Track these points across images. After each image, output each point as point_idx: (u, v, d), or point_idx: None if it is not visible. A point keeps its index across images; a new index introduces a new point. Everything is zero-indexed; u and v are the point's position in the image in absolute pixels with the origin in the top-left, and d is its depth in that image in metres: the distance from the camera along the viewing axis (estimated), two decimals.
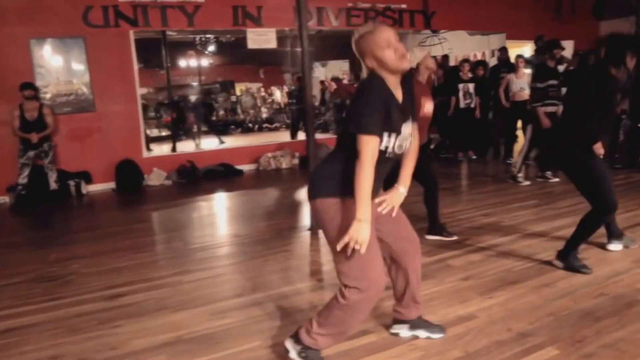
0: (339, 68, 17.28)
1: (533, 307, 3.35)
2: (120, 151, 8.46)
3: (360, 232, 2.25)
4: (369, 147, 2.27)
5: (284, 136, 13.30)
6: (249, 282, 4.06)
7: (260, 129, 17.24)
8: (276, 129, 16.88)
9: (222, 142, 13.06)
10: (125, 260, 4.80)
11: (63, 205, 7.60)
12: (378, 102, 2.32)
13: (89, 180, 8.32)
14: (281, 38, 9.78)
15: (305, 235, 5.31)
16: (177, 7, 8.55)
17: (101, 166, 8.39)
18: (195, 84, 18.01)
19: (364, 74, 2.48)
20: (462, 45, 13.69)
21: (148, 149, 10.95)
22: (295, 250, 4.85)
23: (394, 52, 2.33)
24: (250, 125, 17.40)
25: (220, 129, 14.65)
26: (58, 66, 8.11)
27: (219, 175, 9.03)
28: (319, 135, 10.87)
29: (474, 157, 9.68)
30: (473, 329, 3.08)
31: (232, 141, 13.60)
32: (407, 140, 2.51)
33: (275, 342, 2.98)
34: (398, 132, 2.42)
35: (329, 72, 17.55)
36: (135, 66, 8.63)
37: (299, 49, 5.64)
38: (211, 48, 15.21)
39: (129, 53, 8.44)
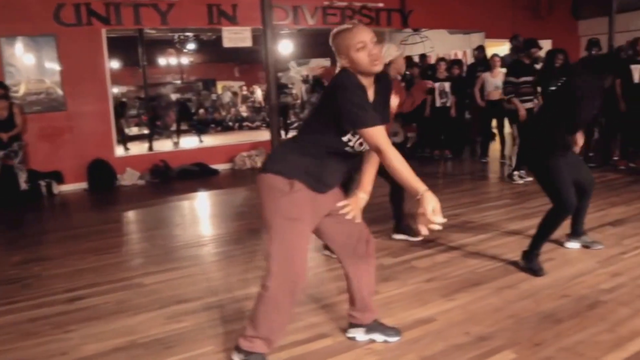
0: (321, 66, 17.23)
1: (494, 310, 3.31)
2: (92, 151, 8.32)
3: (432, 201, 2.13)
4: (381, 135, 2.26)
5: (265, 135, 13.20)
6: (213, 284, 3.99)
7: (241, 128, 17.15)
8: (257, 128, 16.77)
9: (201, 141, 12.97)
10: (90, 261, 4.72)
11: (33, 206, 7.44)
12: (360, 93, 2.32)
13: (60, 180, 8.17)
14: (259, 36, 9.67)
15: None
16: (151, 6, 8.43)
17: (73, 166, 8.25)
18: (177, 82, 17.91)
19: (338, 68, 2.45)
20: (443, 44, 13.66)
21: (125, 148, 10.87)
22: (264, 251, 4.76)
23: (367, 55, 2.31)
24: (230, 123, 17.31)
25: (200, 128, 14.55)
26: (29, 65, 7.97)
27: (194, 175, 8.92)
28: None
29: (450, 156, 9.65)
30: (431, 333, 3.04)
31: (211, 140, 13.50)
32: None
33: (228, 347, 2.90)
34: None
35: (311, 70, 17.54)
36: (107, 65, 8.52)
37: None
38: (191, 46, 15.09)
39: (101, 52, 8.31)
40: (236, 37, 8.96)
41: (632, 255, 4.18)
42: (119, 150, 8.91)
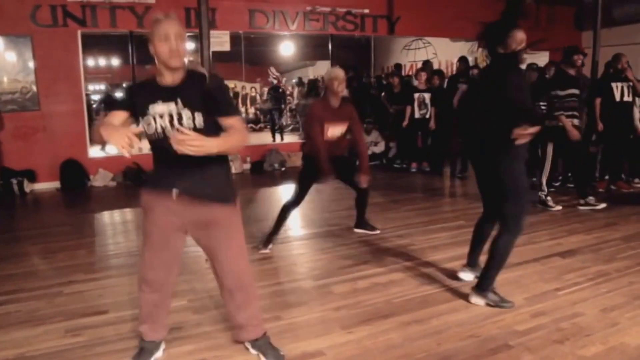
0: (327, 68, 17.12)
1: (389, 347, 3.11)
2: (65, 150, 8.39)
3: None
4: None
5: (260, 137, 13.24)
6: (126, 298, 3.93)
7: None
8: (260, 130, 16.64)
9: None
10: (26, 265, 4.74)
11: (1, 204, 7.49)
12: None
13: (33, 178, 8.26)
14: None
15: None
16: (127, 8, 8.48)
17: (46, 165, 8.32)
18: None
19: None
20: (446, 51, 13.53)
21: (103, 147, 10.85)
22: (188, 267, 4.53)
23: (168, 48, 2.43)
24: None
25: None
26: (4, 64, 8.05)
27: None
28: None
29: (428, 169, 9.47)
30: None
31: None
32: (171, 118, 2.55)
33: None
34: (151, 114, 2.55)
35: (316, 72, 17.49)
36: (82, 66, 8.59)
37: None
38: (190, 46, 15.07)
39: (76, 53, 8.39)
40: (215, 41, 8.92)
41: (566, 293, 3.87)
42: (94, 151, 8.92)
